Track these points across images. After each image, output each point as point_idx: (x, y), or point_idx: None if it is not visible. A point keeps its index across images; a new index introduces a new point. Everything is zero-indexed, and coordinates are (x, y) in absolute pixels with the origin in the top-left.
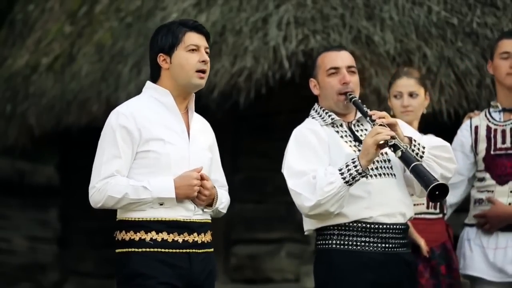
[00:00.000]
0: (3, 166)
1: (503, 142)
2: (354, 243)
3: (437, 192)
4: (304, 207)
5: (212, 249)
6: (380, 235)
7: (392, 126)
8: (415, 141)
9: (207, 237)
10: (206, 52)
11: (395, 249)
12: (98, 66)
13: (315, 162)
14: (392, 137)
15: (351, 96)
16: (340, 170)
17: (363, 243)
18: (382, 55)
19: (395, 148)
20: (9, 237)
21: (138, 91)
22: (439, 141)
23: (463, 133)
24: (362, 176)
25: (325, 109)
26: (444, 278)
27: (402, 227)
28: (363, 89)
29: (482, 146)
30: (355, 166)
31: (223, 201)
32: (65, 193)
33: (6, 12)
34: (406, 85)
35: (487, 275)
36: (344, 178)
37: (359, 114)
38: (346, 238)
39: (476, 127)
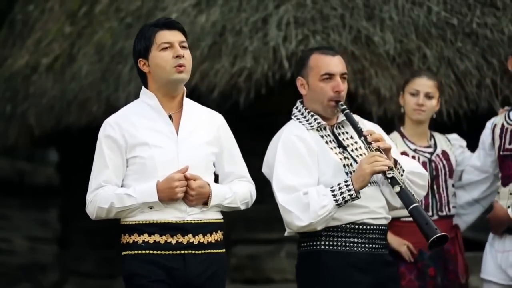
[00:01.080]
0: (3, 166)
1: (510, 142)
2: (343, 243)
3: (434, 240)
4: (294, 225)
5: (219, 250)
6: (367, 235)
7: (386, 151)
8: (399, 164)
9: (209, 238)
10: (183, 46)
11: (379, 250)
12: (98, 66)
13: (305, 175)
14: (390, 168)
15: (343, 108)
16: (332, 191)
17: (351, 244)
18: (382, 55)
19: (393, 182)
20: (9, 237)
21: (138, 91)
22: (419, 167)
23: (486, 131)
24: (354, 200)
25: (310, 111)
26: (432, 280)
27: (385, 228)
28: (363, 89)
29: (497, 144)
30: (349, 190)
31: (228, 196)
32: (65, 193)
33: (6, 12)
34: (425, 85)
35: (496, 278)
36: (336, 201)
37: (341, 118)
38: (335, 239)
39: (495, 126)
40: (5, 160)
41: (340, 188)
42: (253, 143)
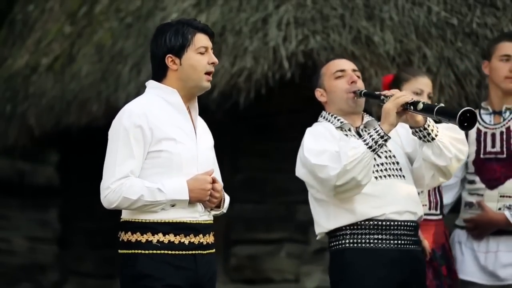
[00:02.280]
0: (3, 166)
1: (493, 146)
2: (367, 240)
3: (465, 124)
4: (331, 178)
5: (214, 250)
6: (392, 231)
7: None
8: (429, 120)
9: (210, 238)
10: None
11: (407, 246)
12: (98, 66)
13: (333, 144)
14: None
15: (360, 91)
16: (362, 138)
17: (376, 240)
18: (382, 55)
19: (415, 105)
20: (9, 237)
21: (138, 91)
22: (449, 124)
23: None
24: (385, 140)
25: (333, 114)
26: (446, 279)
27: (413, 224)
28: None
29: (472, 148)
30: (377, 132)
31: (227, 200)
32: (65, 193)
33: (6, 12)
34: (428, 85)
35: (478, 279)
36: (367, 144)
37: (365, 119)
38: (359, 237)
39: None
40: (5, 160)
41: (369, 133)
42: (253, 143)
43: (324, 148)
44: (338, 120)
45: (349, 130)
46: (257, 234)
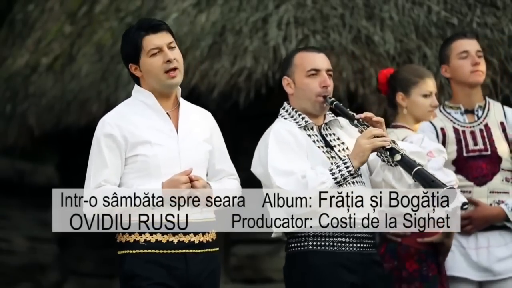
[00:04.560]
0: (3, 166)
1: (475, 143)
2: (331, 243)
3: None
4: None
5: (215, 249)
6: (355, 235)
7: (380, 125)
8: (396, 143)
9: (207, 237)
10: (171, 47)
11: (368, 249)
12: (98, 66)
13: (299, 160)
14: (390, 142)
15: (331, 100)
16: (330, 170)
17: (339, 243)
18: (382, 55)
19: (392, 152)
20: (9, 237)
21: None
22: (415, 147)
23: (429, 135)
24: (353, 177)
25: (298, 110)
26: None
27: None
28: (363, 89)
29: (452, 148)
30: (347, 167)
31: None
32: None
33: (6, 12)
34: (434, 84)
35: (469, 275)
36: (335, 179)
37: (328, 118)
38: (323, 239)
39: (443, 129)
40: (5, 160)
41: (338, 166)
42: (253, 143)
43: (291, 169)
44: (302, 118)
45: (312, 129)
46: (257, 234)
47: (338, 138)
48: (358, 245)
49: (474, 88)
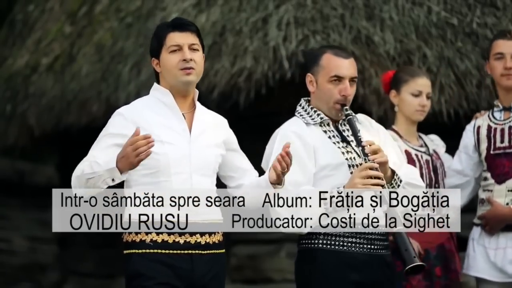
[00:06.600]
0: (3, 166)
1: (502, 141)
2: (341, 243)
3: (409, 269)
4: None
5: (221, 250)
6: (366, 236)
7: (382, 165)
8: (396, 175)
9: (213, 238)
10: (193, 49)
11: (378, 251)
12: (98, 66)
13: (297, 172)
14: (382, 186)
15: (347, 113)
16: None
17: (349, 244)
18: (382, 55)
19: (381, 201)
20: (9, 237)
21: (138, 91)
22: (417, 180)
23: (467, 134)
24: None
25: (314, 107)
26: (439, 280)
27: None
28: (363, 89)
29: (484, 145)
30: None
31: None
32: None
33: (6, 12)
34: (427, 86)
35: (488, 275)
36: (326, 209)
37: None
38: (333, 238)
39: (479, 127)
40: (5, 160)
41: (331, 195)
42: (253, 143)
43: (288, 180)
44: (318, 115)
45: (328, 125)
46: (257, 234)
47: None
48: (368, 246)
49: (507, 89)
